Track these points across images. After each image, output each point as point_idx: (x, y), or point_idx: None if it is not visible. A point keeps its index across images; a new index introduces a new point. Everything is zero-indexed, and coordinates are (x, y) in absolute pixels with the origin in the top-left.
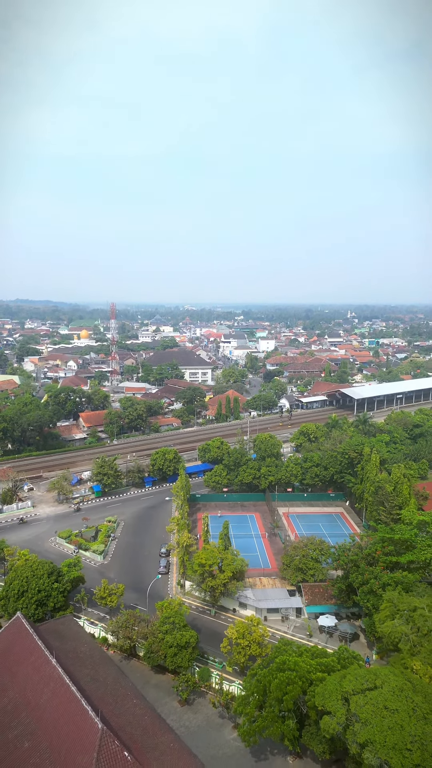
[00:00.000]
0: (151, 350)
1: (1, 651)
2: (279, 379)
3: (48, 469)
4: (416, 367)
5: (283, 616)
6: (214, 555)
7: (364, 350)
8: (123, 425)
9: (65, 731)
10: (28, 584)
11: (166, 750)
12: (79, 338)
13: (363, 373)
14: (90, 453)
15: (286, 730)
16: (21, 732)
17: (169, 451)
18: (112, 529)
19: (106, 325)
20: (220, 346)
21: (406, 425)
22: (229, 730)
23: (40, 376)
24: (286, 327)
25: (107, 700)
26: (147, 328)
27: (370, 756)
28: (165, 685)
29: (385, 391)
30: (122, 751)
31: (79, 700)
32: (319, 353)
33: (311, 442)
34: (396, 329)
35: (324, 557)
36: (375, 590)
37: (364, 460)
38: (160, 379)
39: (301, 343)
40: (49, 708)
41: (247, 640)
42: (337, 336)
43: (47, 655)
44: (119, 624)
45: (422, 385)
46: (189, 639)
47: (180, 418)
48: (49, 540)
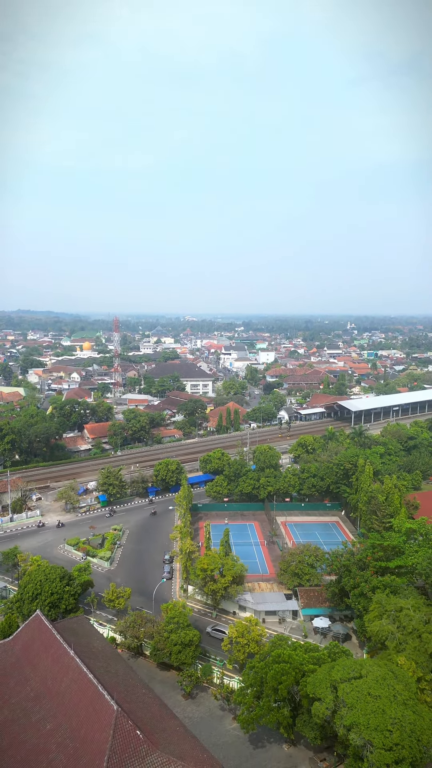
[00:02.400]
0: (152, 362)
1: (22, 645)
2: (278, 391)
3: (55, 480)
4: (413, 380)
5: (280, 618)
6: (216, 561)
7: (363, 362)
8: (126, 436)
9: (84, 713)
10: (41, 587)
11: (173, 733)
12: (81, 350)
13: (361, 386)
14: (95, 464)
15: (281, 718)
16: (43, 716)
17: (172, 462)
18: (117, 537)
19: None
20: (220, 357)
21: (400, 437)
22: (229, 721)
23: (44, 388)
24: (286, 338)
25: (119, 689)
26: (148, 339)
27: (355, 737)
28: (169, 680)
29: (382, 404)
30: (135, 729)
31: (96, 687)
32: (318, 365)
33: (309, 453)
34: (395, 341)
35: (319, 563)
36: (365, 593)
37: (359, 471)
38: (162, 391)
39: (300, 354)
40: (68, 694)
41: (246, 639)
42: (337, 348)
43: (66, 648)
44: (127, 624)
45: (418, 398)
46: (192, 637)
47: (182, 430)
48: (58, 547)
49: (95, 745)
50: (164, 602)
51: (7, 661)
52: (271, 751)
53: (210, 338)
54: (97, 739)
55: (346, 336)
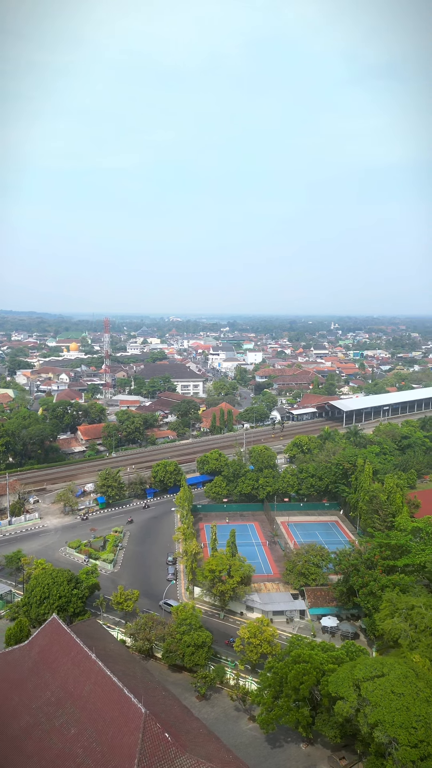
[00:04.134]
0: (140, 362)
1: (39, 650)
2: (268, 391)
3: (51, 482)
4: (401, 379)
5: (287, 618)
6: (224, 562)
7: (349, 362)
8: (121, 438)
9: (110, 717)
10: (49, 591)
11: (197, 734)
12: (68, 350)
13: (349, 385)
14: (90, 465)
15: (300, 718)
16: (66, 720)
17: (170, 463)
18: (119, 539)
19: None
20: (208, 358)
21: (394, 437)
22: (245, 721)
23: (33, 389)
24: (271, 338)
25: (139, 692)
26: (135, 340)
27: (380, 734)
28: (182, 682)
29: (372, 404)
30: (163, 732)
31: (121, 689)
32: (305, 365)
33: (304, 453)
34: (379, 341)
35: (324, 563)
36: (374, 592)
37: (358, 471)
38: (153, 392)
39: (287, 355)
40: (92, 698)
41: (258, 639)
42: (322, 348)
43: (87, 652)
44: (138, 627)
45: (407, 398)
46: (205, 639)
47: (175, 431)
48: (59, 550)
49: (124, 748)
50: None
51: (24, 665)
52: (288, 750)
53: (196, 339)
54: (125, 743)
55: (330, 336)
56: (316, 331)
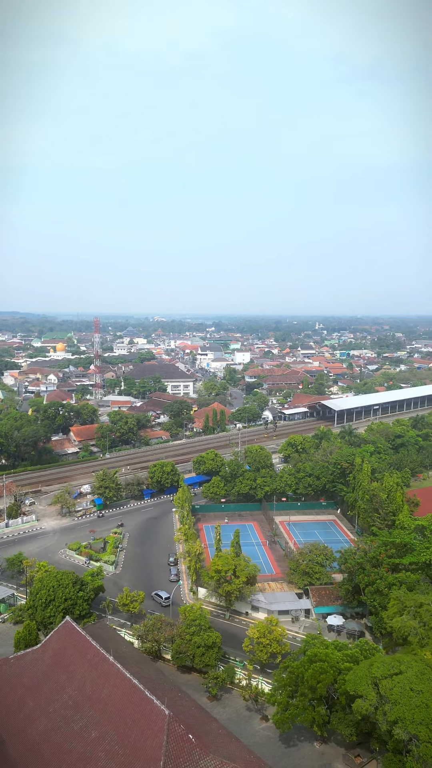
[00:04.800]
0: (128, 363)
1: (53, 653)
2: (258, 391)
3: (46, 484)
4: (388, 379)
5: (293, 617)
6: (229, 562)
7: (336, 362)
8: (114, 439)
9: (131, 719)
10: (54, 593)
11: (217, 735)
12: (55, 351)
13: (338, 385)
14: (85, 467)
15: (316, 717)
16: (86, 724)
17: (167, 463)
18: (119, 540)
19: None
20: (197, 358)
21: (387, 436)
22: (257, 721)
23: (21, 390)
24: (257, 338)
25: (157, 693)
26: (122, 340)
27: (401, 731)
28: (192, 683)
29: (363, 403)
30: (187, 733)
31: (142, 691)
32: (293, 365)
33: (299, 453)
34: (364, 341)
35: (328, 562)
36: (381, 590)
37: (356, 470)
38: (143, 393)
39: (275, 355)
40: (111, 700)
41: (267, 639)
42: (309, 348)
43: (104, 654)
44: (147, 628)
45: (397, 397)
46: (215, 639)
47: (169, 431)
48: (59, 552)
49: (148, 751)
50: (173, 605)
51: (38, 669)
52: (302, 749)
53: (182, 339)
54: (149, 745)
55: (316, 336)
56: (301, 331)
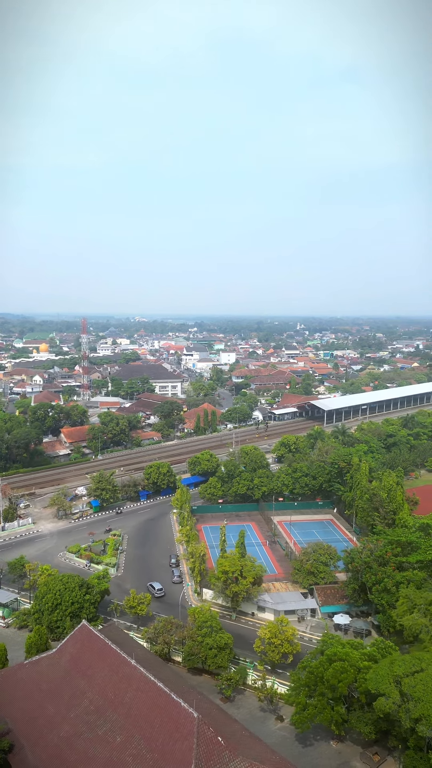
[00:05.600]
0: (114, 363)
1: (70, 657)
2: (246, 391)
3: (39, 486)
4: (374, 379)
5: (299, 616)
6: (236, 563)
7: (321, 362)
8: (105, 440)
9: (158, 723)
10: (61, 597)
11: (242, 737)
12: (38, 352)
13: (325, 385)
14: (77, 468)
15: (335, 716)
16: (110, 728)
17: (163, 464)
18: (118, 542)
19: (61, 338)
20: (182, 358)
21: (379, 435)
22: (272, 721)
23: (6, 391)
24: (240, 339)
25: (184, 696)
26: (105, 340)
27: (424, 728)
28: (203, 685)
29: (351, 403)
30: (216, 736)
31: (168, 694)
32: (279, 365)
33: (292, 453)
34: (346, 341)
35: (333, 561)
36: (389, 588)
37: (353, 469)
38: (131, 393)
39: (259, 355)
40: (136, 704)
41: (279, 639)
42: (292, 348)
43: (125, 657)
44: (157, 630)
45: (384, 397)
46: (227, 641)
47: (160, 432)
48: (58, 555)
49: (178, 754)
50: (177, 606)
51: (55, 674)
52: (319, 748)
53: (166, 339)
54: (178, 749)
55: (298, 336)
56: (283, 332)
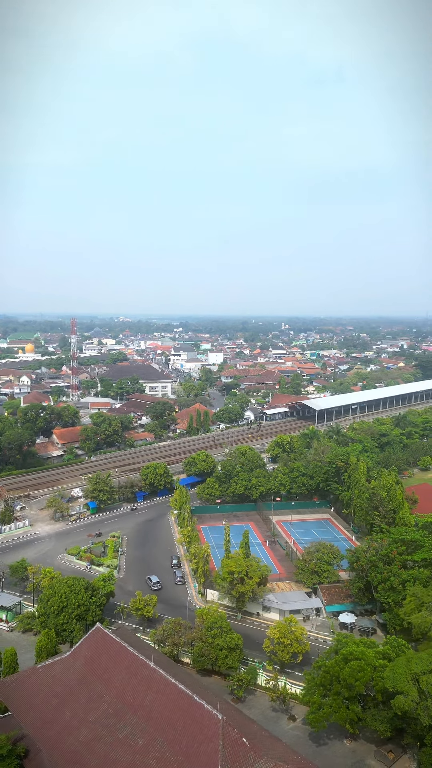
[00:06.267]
0: (101, 364)
1: (85, 661)
2: (236, 391)
3: (34, 488)
4: (362, 379)
5: (304, 616)
6: (241, 563)
7: (308, 362)
8: (98, 441)
9: (181, 725)
10: (67, 600)
11: (262, 737)
12: (23, 352)
13: (314, 385)
14: (71, 470)
15: (351, 715)
16: (131, 731)
17: (160, 465)
18: (118, 544)
19: (45, 338)
20: (169, 359)
21: (373, 434)
22: (285, 721)
23: None
24: (226, 339)
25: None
26: (91, 341)
27: None
28: (213, 686)
29: (341, 402)
30: (241, 737)
31: (190, 696)
32: (267, 365)
33: (287, 453)
34: (331, 341)
35: (336, 560)
36: (395, 587)
37: (351, 469)
38: (121, 394)
39: (246, 355)
40: (156, 707)
41: (288, 639)
42: (279, 348)
43: (143, 660)
44: (166, 632)
45: (373, 396)
46: (237, 641)
47: (153, 433)
48: (58, 557)
49: (203, 756)
50: (181, 608)
51: (70, 678)
52: (333, 747)
53: (151, 339)
54: (203, 751)
55: (283, 337)
56: (268, 332)
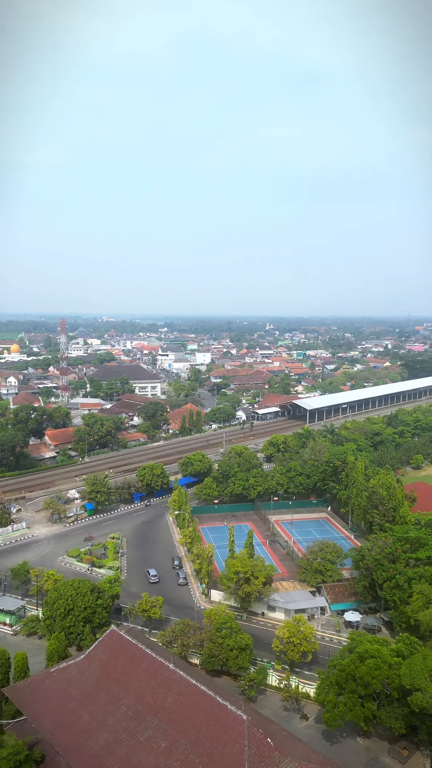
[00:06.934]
0: (89, 364)
1: (101, 664)
2: (226, 391)
3: (29, 490)
4: (350, 378)
5: (309, 615)
6: (247, 563)
7: (296, 362)
8: (91, 442)
9: (204, 726)
10: (74, 602)
11: (283, 737)
12: (9, 352)
13: (303, 385)
14: (66, 471)
15: (366, 712)
16: (153, 734)
17: (156, 466)
18: (118, 545)
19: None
20: (157, 359)
21: (366, 434)
22: (297, 720)
23: None
24: (212, 339)
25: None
26: (77, 341)
27: None
28: (224, 687)
29: (332, 402)
30: (265, 737)
31: (213, 698)
32: (255, 365)
33: (281, 453)
34: (316, 341)
35: (339, 559)
36: (401, 585)
37: (349, 468)
38: (110, 394)
39: (234, 355)
40: (178, 709)
41: (298, 638)
42: (265, 348)
43: (162, 661)
44: (176, 633)
45: (363, 396)
46: (248, 641)
47: (145, 433)
48: (57, 560)
49: (228, 757)
50: (185, 609)
51: (86, 681)
52: (347, 745)
53: (137, 339)
54: (228, 752)
55: (269, 337)
56: (253, 332)
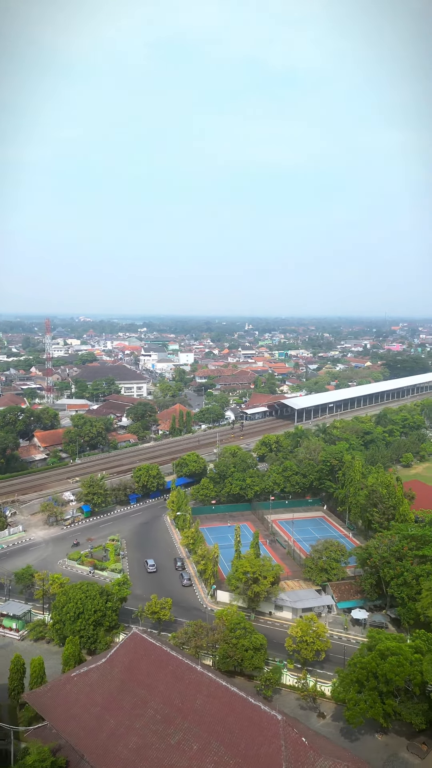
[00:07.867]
0: (71, 365)
1: (123, 667)
2: (213, 391)
3: (21, 492)
4: (333, 378)
5: (315, 613)
6: (255, 563)
7: (278, 362)
8: (82, 443)
9: (238, 727)
10: (83, 606)
11: (313, 736)
12: None
13: (288, 384)
14: (57, 473)
15: (388, 709)
16: (184, 737)
17: (152, 467)
18: (119, 547)
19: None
20: (140, 359)
21: (357, 433)
22: (315, 719)
23: None
24: (193, 339)
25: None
26: (57, 341)
27: None
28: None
29: (319, 401)
30: (300, 737)
31: (245, 699)
32: (239, 365)
33: (274, 452)
34: (296, 341)
35: (344, 557)
36: (408, 582)
37: (346, 467)
38: (96, 395)
39: (216, 355)
40: (208, 711)
41: (311, 637)
42: (247, 348)
43: (189, 663)
44: (188, 634)
45: (350, 395)
46: (262, 641)
47: (135, 434)
48: (58, 563)
49: (264, 758)
50: (191, 610)
51: (110, 685)
52: (365, 742)
53: (116, 339)
54: (264, 753)
55: (249, 337)
56: (233, 332)
